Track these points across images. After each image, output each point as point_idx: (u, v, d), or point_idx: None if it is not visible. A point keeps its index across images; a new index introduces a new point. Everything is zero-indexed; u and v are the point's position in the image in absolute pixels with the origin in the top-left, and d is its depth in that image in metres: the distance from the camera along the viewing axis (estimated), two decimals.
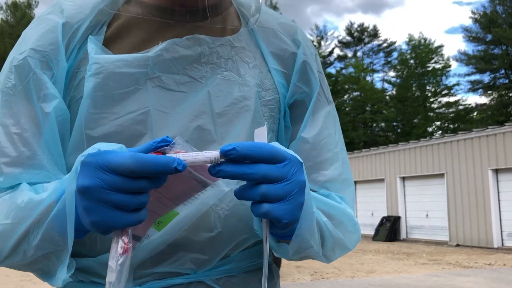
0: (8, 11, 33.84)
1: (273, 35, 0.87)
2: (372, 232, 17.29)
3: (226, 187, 0.67)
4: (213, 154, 0.59)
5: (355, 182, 19.17)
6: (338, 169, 0.86)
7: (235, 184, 0.72)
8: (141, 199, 0.58)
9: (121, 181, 0.56)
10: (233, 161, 0.59)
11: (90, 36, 0.78)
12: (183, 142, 0.61)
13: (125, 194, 0.56)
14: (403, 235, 16.56)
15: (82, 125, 0.74)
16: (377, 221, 17.21)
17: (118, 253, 0.57)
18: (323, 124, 0.87)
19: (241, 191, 0.62)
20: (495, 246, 13.22)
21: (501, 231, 13.36)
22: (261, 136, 0.64)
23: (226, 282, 0.77)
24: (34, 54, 0.75)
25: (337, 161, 0.86)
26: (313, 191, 0.82)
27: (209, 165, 0.60)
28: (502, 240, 13.31)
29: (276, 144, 0.64)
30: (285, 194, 0.60)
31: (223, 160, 0.59)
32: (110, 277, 0.57)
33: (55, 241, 0.63)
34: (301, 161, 0.64)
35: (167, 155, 0.58)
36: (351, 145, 29.55)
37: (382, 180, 17.67)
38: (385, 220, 16.87)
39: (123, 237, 0.58)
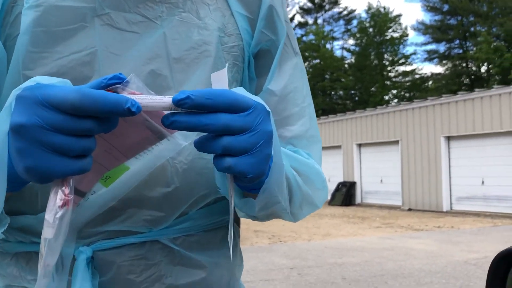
0: None
1: None
2: (328, 197, 17.71)
3: (183, 141, 0.59)
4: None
5: None
6: (305, 124, 0.81)
7: (194, 138, 0.63)
8: (85, 144, 0.49)
9: (63, 119, 0.47)
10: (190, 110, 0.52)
11: None
12: (138, 82, 0.53)
13: (67, 136, 0.48)
14: (358, 200, 17.06)
15: (20, 65, 0.66)
16: (333, 187, 17.63)
17: (56, 206, 0.49)
18: (290, 77, 0.81)
19: (201, 143, 0.55)
20: (444, 210, 13.85)
21: (451, 196, 13.98)
22: (221, 80, 0.57)
23: (184, 242, 0.72)
24: None
25: (304, 117, 0.82)
26: None
27: (166, 113, 0.53)
28: (451, 204, 13.95)
29: (239, 90, 0.58)
30: (250, 147, 0.54)
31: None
32: (47, 233, 0.49)
33: None
34: (268, 109, 0.58)
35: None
36: None
37: (339, 147, 18.01)
38: (341, 186, 17.30)
39: (64, 188, 0.50)
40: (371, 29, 34.82)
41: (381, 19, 34.13)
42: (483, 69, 30.66)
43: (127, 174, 0.61)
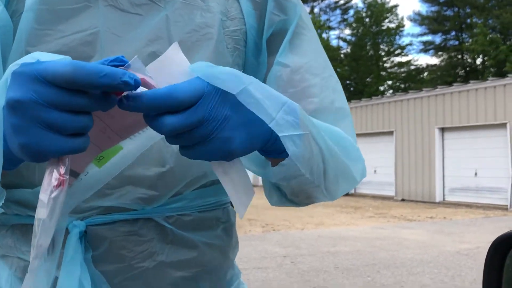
0: None
1: None
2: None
3: None
4: None
5: None
6: (329, 96, 0.76)
7: None
8: (82, 121, 0.47)
9: (58, 94, 0.46)
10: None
11: None
12: (141, 66, 0.50)
13: (63, 113, 0.46)
14: (351, 190, 17.12)
15: (23, 41, 0.66)
16: None
17: (51, 186, 0.48)
18: (305, 48, 0.78)
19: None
20: (437, 200, 13.93)
21: (443, 187, 14.06)
22: (167, 67, 0.52)
23: (177, 221, 0.73)
24: None
25: (327, 88, 0.77)
26: None
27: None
28: (444, 195, 14.03)
29: (198, 66, 0.52)
30: (203, 137, 0.51)
31: None
32: (41, 213, 0.49)
33: None
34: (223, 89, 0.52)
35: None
36: None
37: None
38: None
39: (59, 168, 0.49)
40: (367, 19, 34.72)
41: (378, 9, 34.03)
42: (479, 61, 30.72)
43: (120, 155, 0.60)
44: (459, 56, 31.78)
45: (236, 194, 0.57)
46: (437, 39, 32.80)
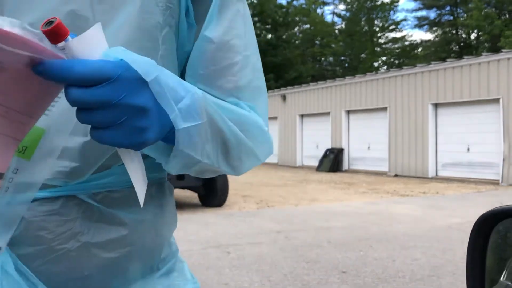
0: None
1: None
2: (316, 163, 17.87)
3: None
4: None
5: (302, 116, 19.47)
6: (248, 75, 0.76)
7: None
8: None
9: None
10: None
11: None
12: None
13: None
14: (345, 166, 17.22)
15: None
16: (321, 153, 17.75)
17: None
18: (231, 23, 0.75)
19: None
20: (430, 176, 14.05)
21: (436, 162, 14.17)
22: (86, 46, 0.49)
23: (105, 198, 0.68)
24: None
25: (247, 67, 0.76)
26: (221, 99, 0.73)
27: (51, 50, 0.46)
28: (437, 170, 14.15)
29: (113, 52, 0.51)
30: (110, 121, 0.50)
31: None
32: None
33: None
34: (141, 77, 0.51)
35: None
36: (300, 79, 29.63)
37: (327, 113, 18.04)
38: (328, 152, 17.43)
39: None
40: None
41: None
42: (473, 36, 30.58)
43: (48, 136, 0.54)
44: (454, 32, 31.62)
45: (139, 182, 0.56)
46: (432, 14, 32.65)
